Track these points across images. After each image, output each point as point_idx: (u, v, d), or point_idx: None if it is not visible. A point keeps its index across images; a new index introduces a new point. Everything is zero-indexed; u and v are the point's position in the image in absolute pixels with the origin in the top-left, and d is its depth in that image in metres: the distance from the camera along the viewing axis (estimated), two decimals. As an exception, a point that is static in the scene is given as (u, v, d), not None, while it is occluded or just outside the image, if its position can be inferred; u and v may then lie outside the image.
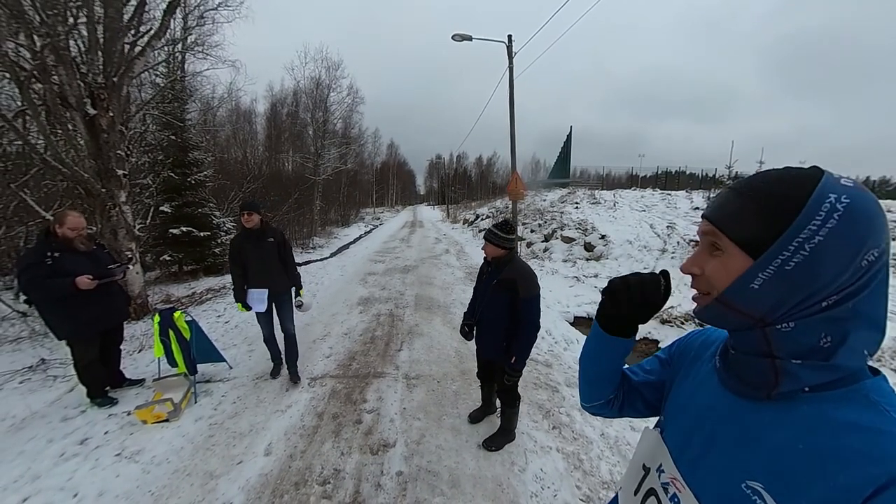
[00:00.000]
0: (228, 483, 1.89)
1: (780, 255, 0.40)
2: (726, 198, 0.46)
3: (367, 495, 1.82)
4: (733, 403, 0.49)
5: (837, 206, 0.39)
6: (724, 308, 0.46)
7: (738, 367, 0.49)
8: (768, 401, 0.45)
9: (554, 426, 2.40)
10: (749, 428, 0.46)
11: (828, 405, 0.42)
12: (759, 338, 0.45)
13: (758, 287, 0.42)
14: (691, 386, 0.59)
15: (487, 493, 1.85)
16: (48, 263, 2.33)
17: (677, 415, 0.59)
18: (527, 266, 2.01)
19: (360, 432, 2.31)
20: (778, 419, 0.44)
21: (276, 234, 2.84)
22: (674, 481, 0.54)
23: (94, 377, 2.61)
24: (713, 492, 0.48)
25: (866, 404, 0.40)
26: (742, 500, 0.44)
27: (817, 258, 0.39)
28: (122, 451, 2.14)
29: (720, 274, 0.46)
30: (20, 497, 1.82)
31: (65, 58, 3.78)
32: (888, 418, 0.39)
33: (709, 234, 0.47)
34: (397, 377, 3.04)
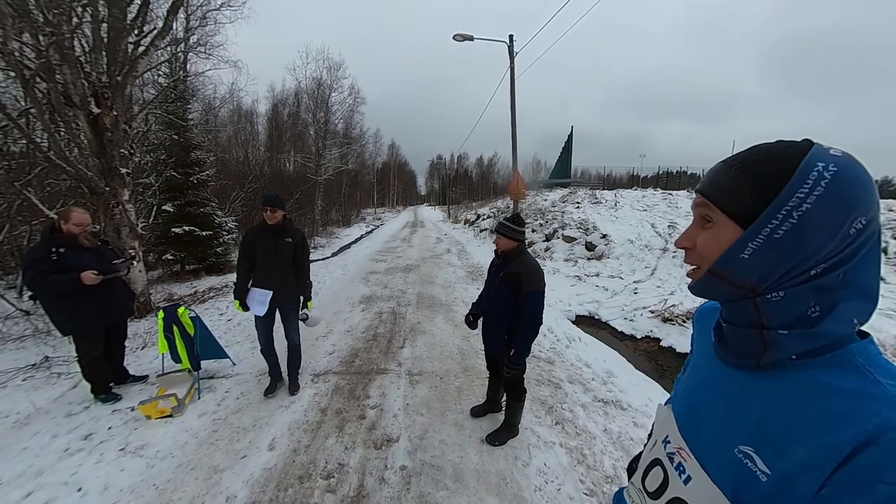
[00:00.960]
0: (232, 477, 1.89)
1: (769, 223, 0.41)
2: (718, 171, 0.47)
3: (371, 489, 1.83)
4: (727, 374, 0.51)
5: (825, 175, 0.39)
6: (715, 279, 0.47)
7: (730, 339, 0.50)
8: (758, 370, 0.47)
9: (557, 422, 2.40)
10: (740, 396, 0.48)
11: (814, 371, 0.43)
12: (750, 308, 0.46)
13: (748, 257, 0.43)
14: (696, 363, 0.61)
15: (491, 487, 1.85)
16: (53, 259, 2.34)
17: (683, 388, 0.61)
18: (534, 261, 2.02)
19: (363, 427, 2.32)
20: (766, 386, 0.45)
21: (297, 234, 2.62)
22: (679, 451, 0.55)
23: (99, 373, 2.62)
24: (712, 457, 0.50)
25: (851, 368, 0.41)
26: (736, 465, 0.45)
27: (805, 226, 0.40)
28: (127, 446, 2.15)
29: (711, 245, 0.47)
30: (24, 492, 1.82)
31: (69, 57, 3.81)
32: (870, 380, 0.39)
33: (701, 207, 0.48)
34: (400, 374, 3.04)
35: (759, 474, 0.43)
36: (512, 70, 8.01)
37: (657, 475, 0.58)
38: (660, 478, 0.57)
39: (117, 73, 4.25)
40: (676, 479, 0.54)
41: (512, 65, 7.98)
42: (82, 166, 4.12)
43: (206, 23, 7.39)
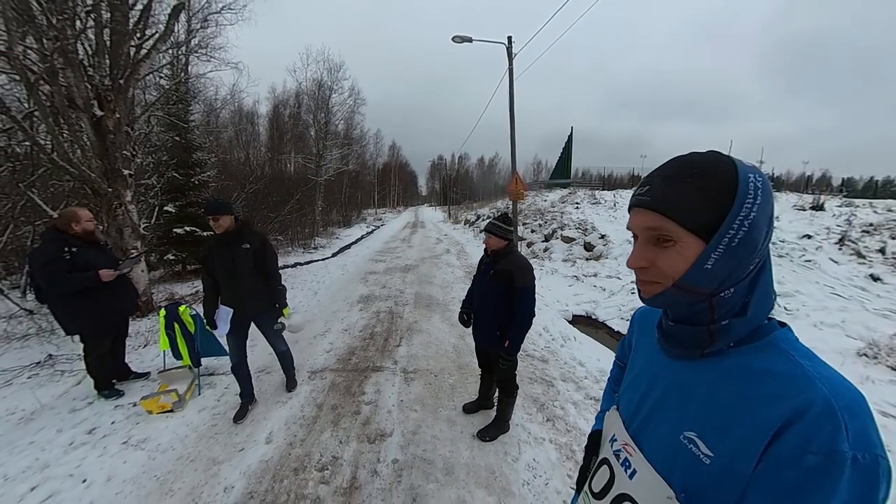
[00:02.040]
0: (230, 468, 1.96)
1: (727, 233, 0.45)
2: (667, 188, 0.47)
3: (363, 481, 1.88)
4: (672, 367, 0.55)
5: (758, 185, 0.45)
6: (681, 292, 0.49)
7: (677, 335, 0.54)
8: (701, 359, 0.51)
9: (548, 418, 2.45)
10: (684, 385, 0.52)
11: (747, 357, 0.48)
12: (706, 308, 0.49)
13: (711, 266, 0.46)
14: (639, 361, 0.65)
15: (480, 480, 1.90)
16: (66, 258, 2.42)
17: (628, 388, 0.64)
18: (523, 258, 2.09)
19: (358, 422, 2.37)
20: (706, 374, 0.50)
21: (255, 238, 2.37)
22: (625, 447, 0.58)
23: (104, 369, 2.70)
24: (658, 448, 0.53)
25: (777, 353, 0.47)
26: (681, 451, 0.49)
27: (753, 230, 0.45)
28: (129, 440, 2.22)
29: (676, 263, 0.47)
30: (29, 485, 1.88)
31: (73, 61, 3.89)
32: (793, 363, 0.45)
33: (657, 228, 0.48)
34: (395, 371, 3.10)
35: (703, 458, 0.46)
36: (511, 71, 8.06)
37: (603, 475, 0.60)
38: (606, 476, 0.60)
39: (120, 76, 4.33)
40: (622, 474, 0.56)
41: (511, 66, 8.03)
42: (86, 168, 4.20)
43: (208, 25, 7.47)
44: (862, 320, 4.53)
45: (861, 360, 3.67)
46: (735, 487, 0.44)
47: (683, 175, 0.47)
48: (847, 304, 5.05)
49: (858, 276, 5.82)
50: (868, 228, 6.95)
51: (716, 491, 0.45)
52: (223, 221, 2.23)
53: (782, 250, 6.96)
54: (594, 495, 0.61)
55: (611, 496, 0.57)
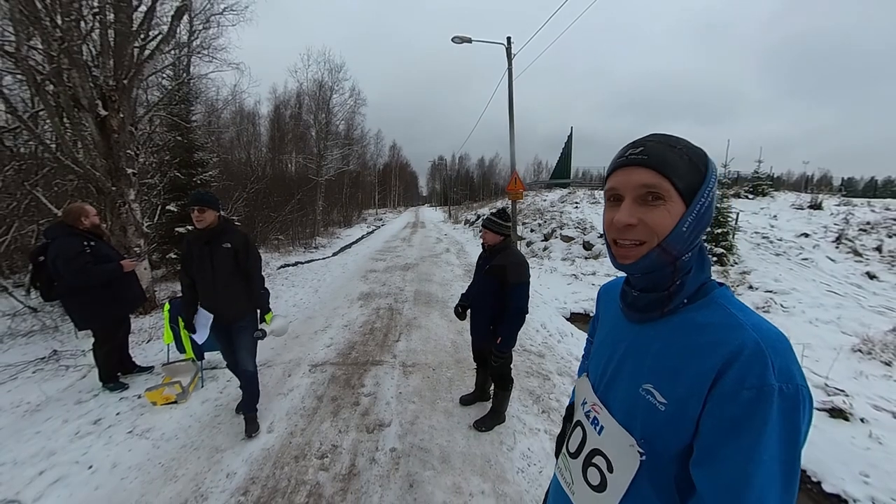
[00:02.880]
0: (233, 456, 2.01)
1: (701, 200, 0.51)
2: (665, 151, 0.51)
3: (362, 468, 1.94)
4: (633, 330, 0.61)
5: (713, 166, 0.55)
6: (663, 253, 0.52)
7: (639, 301, 0.60)
8: (660, 319, 0.57)
9: (543, 410, 2.50)
10: (641, 344, 0.59)
11: (693, 313, 0.55)
12: (670, 272, 0.55)
13: (685, 229, 0.51)
14: (603, 330, 0.71)
15: (476, 468, 1.95)
16: (88, 252, 2.49)
17: (595, 355, 0.71)
18: (519, 254, 2.11)
19: (357, 413, 2.43)
20: (660, 331, 0.57)
21: (237, 237, 2.13)
22: (593, 406, 0.64)
23: (112, 362, 2.77)
24: (621, 403, 0.59)
25: (716, 307, 0.54)
26: (640, 402, 0.55)
27: (712, 200, 0.53)
28: (134, 429, 2.28)
29: (664, 220, 0.51)
30: (38, 470, 1.94)
31: (78, 62, 3.96)
32: (730, 314, 0.52)
33: (653, 186, 0.50)
34: (394, 365, 3.15)
35: (658, 405, 0.52)
36: (510, 72, 8.12)
37: (578, 435, 0.66)
38: (580, 437, 0.65)
39: (124, 76, 4.40)
40: (593, 432, 0.62)
41: (510, 66, 8.09)
42: (90, 167, 4.27)
43: (210, 26, 7.54)
44: (857, 317, 4.57)
45: (855, 356, 3.71)
46: (686, 427, 0.50)
47: (674, 144, 0.53)
48: (843, 301, 5.09)
49: (855, 273, 5.86)
50: (865, 227, 6.99)
51: (670, 433, 0.51)
52: (207, 216, 2.03)
53: (780, 248, 6.99)
54: (570, 455, 0.67)
55: (584, 452, 0.63)
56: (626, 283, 0.64)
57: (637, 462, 0.54)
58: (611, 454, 0.58)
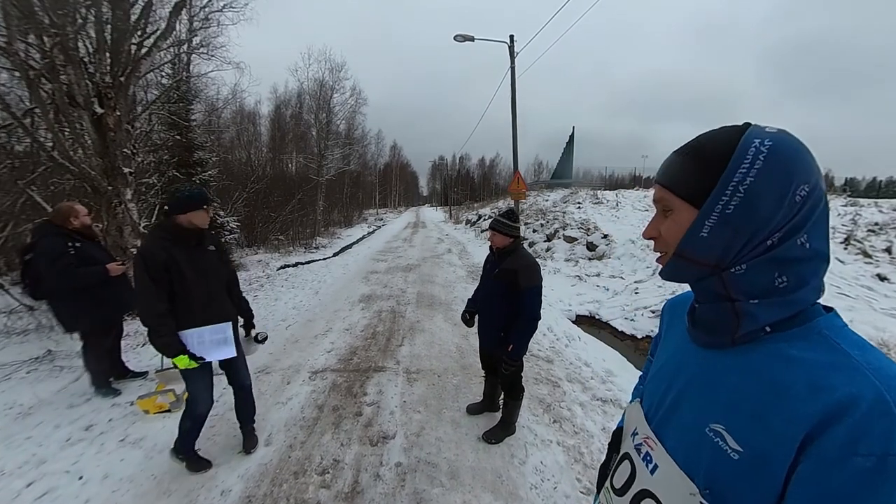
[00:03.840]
0: (228, 471, 1.90)
1: (720, 200, 0.43)
2: (671, 161, 0.50)
3: (365, 485, 1.83)
4: (701, 356, 0.51)
5: (762, 149, 0.42)
6: (682, 261, 0.48)
7: (704, 318, 0.50)
8: (732, 346, 0.47)
9: (554, 420, 2.40)
10: (711, 374, 0.48)
11: (784, 343, 0.43)
12: (717, 284, 0.47)
13: (707, 234, 0.45)
14: (666, 352, 0.61)
15: (487, 484, 1.85)
16: (72, 253, 2.38)
17: (652, 380, 0.61)
18: (530, 256, 2.02)
19: (359, 424, 2.32)
20: (737, 362, 0.46)
21: (214, 238, 1.95)
22: (646, 440, 0.55)
23: (102, 367, 2.66)
24: (681, 441, 0.50)
25: (818, 339, 0.42)
26: (707, 445, 0.45)
27: (752, 198, 0.42)
28: (126, 438, 2.18)
29: (674, 230, 0.48)
30: (26, 481, 1.84)
31: (73, 58, 3.86)
32: (838, 351, 0.40)
33: (661, 199, 0.50)
34: (398, 371, 3.04)
35: (731, 452, 0.42)
36: (513, 70, 8.02)
37: (625, 470, 0.58)
38: (627, 472, 0.57)
39: (121, 73, 4.29)
40: (644, 469, 0.54)
41: (512, 65, 7.99)
42: (86, 166, 4.17)
43: (209, 24, 7.44)
44: (870, 320, 4.46)
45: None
46: (767, 485, 0.40)
47: (684, 148, 0.49)
48: (854, 303, 4.98)
49: (865, 275, 5.75)
50: (874, 228, 6.88)
51: (745, 488, 0.41)
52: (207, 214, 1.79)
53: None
54: (615, 491, 0.58)
55: (632, 492, 0.54)
56: (694, 297, 0.54)
57: None
58: (665, 499, 0.49)
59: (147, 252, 1.65)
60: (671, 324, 0.63)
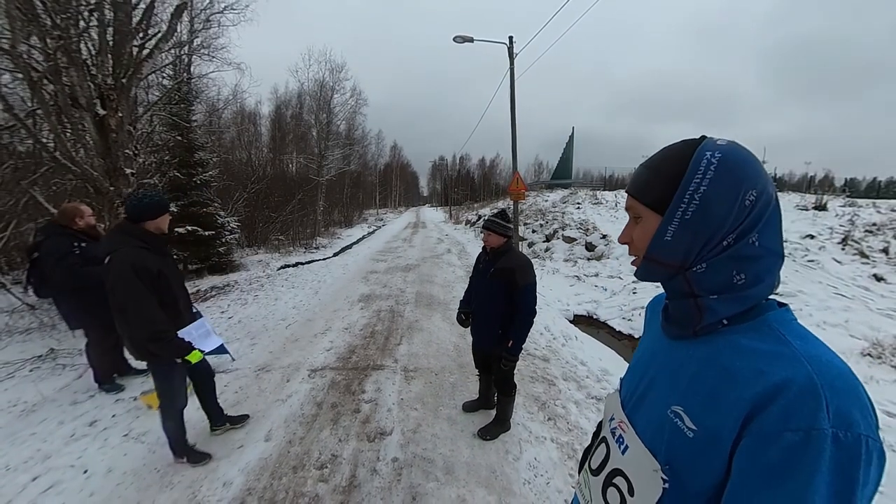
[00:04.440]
0: (229, 465, 1.95)
1: (679, 207, 0.49)
2: (639, 173, 0.56)
3: (362, 479, 1.87)
4: (669, 346, 0.57)
5: (713, 160, 0.47)
6: (651, 263, 0.54)
7: (673, 313, 0.56)
8: (695, 338, 0.52)
9: (549, 417, 2.44)
10: (677, 363, 0.54)
11: (738, 335, 0.48)
12: (682, 282, 0.52)
13: (670, 238, 0.50)
14: (643, 346, 0.67)
15: (481, 479, 1.89)
16: (77, 253, 2.43)
17: (630, 370, 0.67)
18: (523, 255, 2.08)
19: (357, 421, 2.36)
20: (698, 351, 0.51)
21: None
22: (620, 424, 0.60)
23: (106, 364, 2.71)
24: (648, 423, 0.55)
25: (768, 332, 0.47)
26: (668, 424, 0.50)
27: (706, 204, 0.47)
28: (130, 433, 2.23)
29: (643, 235, 0.54)
30: (31, 476, 1.89)
31: (76, 60, 3.91)
32: (782, 341, 0.45)
33: (630, 208, 0.56)
34: (396, 370, 3.09)
35: (687, 431, 0.47)
36: (512, 72, 8.06)
37: (601, 452, 0.63)
38: (603, 453, 0.62)
39: (122, 75, 4.34)
40: (616, 450, 0.59)
41: (512, 66, 8.03)
42: (88, 166, 4.22)
43: (210, 26, 7.49)
44: (866, 320, 4.50)
45: (865, 360, 3.64)
46: (716, 460, 0.44)
47: (648, 161, 0.55)
48: (850, 304, 5.01)
49: (862, 276, 5.78)
50: (871, 228, 6.91)
51: (698, 463, 0.46)
52: None
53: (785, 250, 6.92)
54: (592, 472, 0.64)
55: (606, 471, 0.60)
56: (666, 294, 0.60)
57: (659, 489, 0.50)
58: (633, 476, 0.55)
59: (137, 263, 1.64)
60: (650, 321, 0.69)
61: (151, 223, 1.73)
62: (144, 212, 1.71)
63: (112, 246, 1.69)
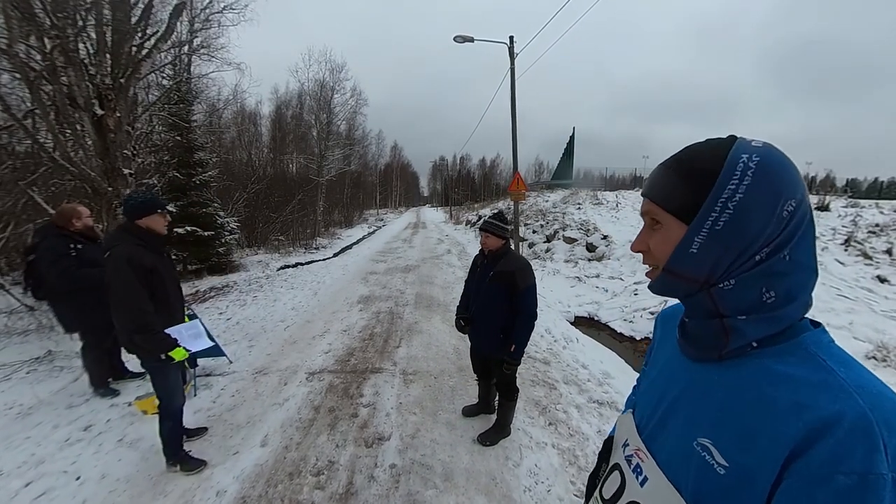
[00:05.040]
0: (224, 472, 1.92)
1: (709, 216, 0.43)
2: (658, 174, 0.49)
3: (359, 487, 1.84)
4: (690, 368, 0.51)
5: (750, 165, 0.42)
6: (671, 277, 0.48)
7: (693, 332, 0.50)
8: (720, 361, 0.47)
9: (550, 422, 2.40)
10: (700, 388, 0.48)
11: (770, 359, 0.43)
12: (706, 299, 0.46)
13: (696, 251, 0.45)
14: (658, 364, 0.61)
15: (480, 487, 1.85)
16: (73, 255, 2.40)
17: (645, 392, 0.61)
18: (522, 257, 2.05)
19: (355, 426, 2.33)
20: (725, 377, 0.46)
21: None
22: (637, 452, 0.55)
23: (101, 368, 2.68)
24: (670, 453, 0.50)
25: (804, 356, 0.42)
26: (695, 459, 0.45)
27: (742, 214, 0.42)
28: (124, 438, 2.20)
29: (663, 245, 0.48)
30: (24, 481, 1.86)
31: (74, 59, 3.88)
32: (824, 368, 0.40)
33: (648, 212, 0.50)
34: (395, 373, 3.05)
35: (717, 467, 0.43)
36: (512, 71, 8.02)
37: (615, 481, 0.58)
38: (617, 483, 0.57)
39: (121, 75, 4.32)
40: (633, 481, 0.54)
41: (512, 66, 7.99)
42: (86, 167, 4.20)
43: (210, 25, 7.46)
44: (870, 322, 4.45)
45: (870, 363, 3.60)
46: (752, 502, 0.40)
47: (671, 161, 0.48)
48: (854, 305, 4.96)
49: (865, 277, 5.73)
50: (874, 229, 6.85)
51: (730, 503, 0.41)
52: None
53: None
54: (604, 502, 0.58)
55: (622, 503, 0.54)
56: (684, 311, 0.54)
57: None
58: None
59: (133, 256, 1.69)
60: (664, 335, 0.63)
61: (144, 221, 1.78)
62: (134, 210, 1.77)
63: (111, 242, 1.76)
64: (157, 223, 1.81)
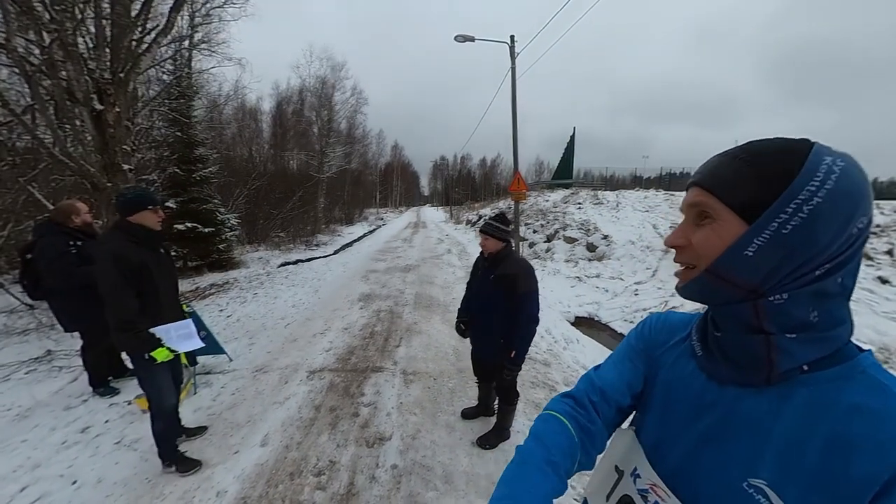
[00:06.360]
0: (224, 472, 1.91)
1: (778, 217, 0.38)
2: (720, 163, 0.43)
3: (361, 487, 1.83)
4: (724, 393, 0.45)
5: (834, 168, 0.37)
6: (714, 280, 0.42)
7: (728, 350, 0.44)
8: (766, 385, 0.42)
9: (550, 424, 2.39)
10: (746, 419, 0.42)
11: (828, 386, 0.39)
12: (750, 312, 0.41)
13: (752, 254, 0.39)
14: (666, 379, 0.54)
15: (480, 490, 1.84)
16: (72, 252, 2.38)
17: (654, 412, 0.54)
18: (524, 260, 2.01)
19: (356, 425, 2.32)
20: (778, 406, 0.41)
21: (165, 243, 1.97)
22: (653, 488, 0.49)
23: (101, 366, 2.66)
24: (708, 495, 0.44)
25: (868, 383, 0.38)
26: (743, 501, 0.40)
27: (814, 221, 0.37)
28: (122, 439, 2.18)
29: (711, 242, 0.42)
30: (20, 486, 1.84)
31: (73, 54, 3.84)
32: (891, 395, 0.37)
33: (698, 204, 0.43)
34: (395, 372, 3.04)
35: None
36: (513, 71, 7.97)
37: None
38: None
39: (120, 69, 4.28)
40: None
41: (513, 66, 7.94)
42: (85, 162, 4.16)
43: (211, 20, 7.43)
44: (871, 324, 4.44)
45: (871, 367, 3.59)
46: None
47: (739, 151, 0.42)
48: (855, 307, 4.91)
49: (866, 278, 5.72)
50: (875, 230, 6.85)
51: None
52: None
53: None
54: None
55: None
56: (712, 323, 0.48)
57: None
58: None
59: (119, 253, 1.66)
60: (668, 348, 0.56)
61: (135, 218, 1.75)
62: (125, 207, 1.75)
63: (103, 239, 1.78)
64: (149, 219, 1.78)
